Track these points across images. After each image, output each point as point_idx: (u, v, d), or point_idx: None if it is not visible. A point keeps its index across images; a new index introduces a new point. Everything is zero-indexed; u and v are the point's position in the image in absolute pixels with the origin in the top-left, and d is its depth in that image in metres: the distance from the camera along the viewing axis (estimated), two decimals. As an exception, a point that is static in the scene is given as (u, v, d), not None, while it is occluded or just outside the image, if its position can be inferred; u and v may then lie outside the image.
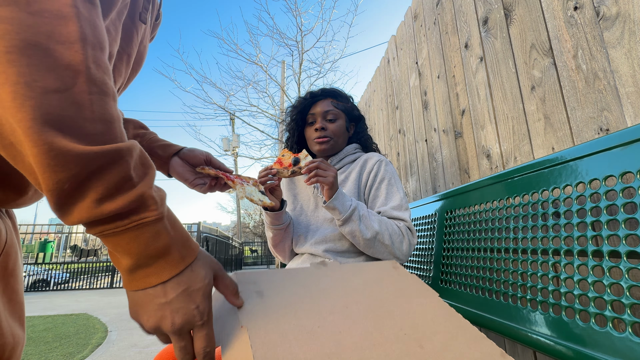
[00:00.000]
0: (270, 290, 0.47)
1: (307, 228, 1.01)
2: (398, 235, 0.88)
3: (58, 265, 7.82)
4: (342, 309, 0.45)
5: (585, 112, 0.74)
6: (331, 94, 1.10)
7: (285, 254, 1.05)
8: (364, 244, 0.87)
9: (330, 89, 1.12)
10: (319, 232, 0.98)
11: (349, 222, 0.86)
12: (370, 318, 0.44)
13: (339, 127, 1.06)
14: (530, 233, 0.72)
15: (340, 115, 1.07)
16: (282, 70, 9.65)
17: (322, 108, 1.06)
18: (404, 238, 0.89)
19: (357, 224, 0.86)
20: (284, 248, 1.03)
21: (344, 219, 0.86)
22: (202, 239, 8.06)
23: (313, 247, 0.96)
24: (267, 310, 0.42)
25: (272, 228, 0.99)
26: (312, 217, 1.03)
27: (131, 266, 0.35)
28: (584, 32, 0.74)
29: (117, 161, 0.33)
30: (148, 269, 0.36)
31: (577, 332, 0.55)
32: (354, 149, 1.10)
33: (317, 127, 1.04)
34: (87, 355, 2.32)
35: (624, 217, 0.53)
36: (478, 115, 1.13)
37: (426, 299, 0.51)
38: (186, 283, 0.37)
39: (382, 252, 0.89)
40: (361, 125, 1.15)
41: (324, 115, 1.05)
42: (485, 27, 1.08)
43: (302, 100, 1.10)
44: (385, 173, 0.99)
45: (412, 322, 0.45)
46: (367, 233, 0.86)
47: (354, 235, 0.87)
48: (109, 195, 0.32)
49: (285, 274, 0.52)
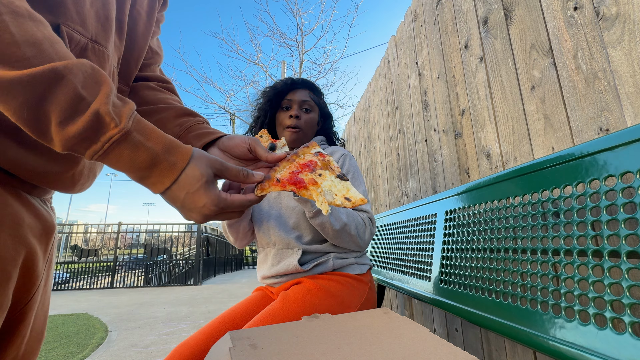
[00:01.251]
0: (264, 342, 0.49)
1: (269, 215, 1.02)
2: (362, 226, 0.94)
3: (58, 265, 7.83)
4: (334, 350, 0.47)
5: (585, 112, 0.74)
6: (310, 86, 1.14)
7: (237, 234, 1.05)
8: (332, 234, 0.90)
9: (309, 81, 1.16)
10: (284, 220, 0.99)
11: (320, 215, 0.89)
12: (363, 355, 0.46)
13: (312, 119, 1.10)
14: (530, 233, 0.72)
15: (315, 108, 1.12)
16: (282, 70, 9.65)
17: (300, 97, 1.09)
18: (367, 228, 0.95)
19: (328, 216, 0.89)
20: (237, 229, 1.04)
21: (316, 211, 0.89)
22: (202, 239, 8.06)
23: (282, 235, 0.98)
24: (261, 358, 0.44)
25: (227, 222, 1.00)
26: (274, 204, 1.04)
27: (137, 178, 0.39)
28: (584, 32, 0.74)
29: (58, 82, 0.32)
30: (150, 178, 0.39)
31: (577, 332, 0.55)
32: (320, 141, 1.13)
33: (292, 114, 1.06)
34: (87, 355, 2.32)
35: (624, 217, 0.53)
36: (478, 115, 1.13)
37: (417, 334, 0.52)
38: (185, 187, 0.40)
39: (347, 242, 0.93)
40: (329, 122, 1.19)
41: (301, 104, 1.09)
42: (485, 27, 1.08)
43: (281, 84, 1.12)
44: (349, 167, 1.03)
45: (403, 355, 0.46)
46: (336, 225, 0.89)
47: (324, 227, 0.90)
48: (69, 117, 0.33)
49: (279, 328, 0.55)
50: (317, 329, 0.54)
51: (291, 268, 0.93)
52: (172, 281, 8.00)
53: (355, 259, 1.00)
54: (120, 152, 0.36)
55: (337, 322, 0.58)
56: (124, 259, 8.69)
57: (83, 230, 12.71)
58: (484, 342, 1.06)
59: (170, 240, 8.60)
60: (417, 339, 0.51)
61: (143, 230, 8.50)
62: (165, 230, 8.47)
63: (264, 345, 0.47)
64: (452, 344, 0.50)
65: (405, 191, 1.81)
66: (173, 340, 2.68)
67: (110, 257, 8.67)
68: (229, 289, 6.37)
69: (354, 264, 0.99)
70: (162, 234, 9.32)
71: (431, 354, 0.46)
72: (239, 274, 11.27)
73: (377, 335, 0.52)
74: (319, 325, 0.56)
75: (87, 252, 8.22)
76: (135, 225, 11.46)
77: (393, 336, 0.52)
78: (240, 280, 8.46)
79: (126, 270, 7.84)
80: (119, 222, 7.68)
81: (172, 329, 3.06)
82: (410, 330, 0.54)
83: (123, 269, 8.01)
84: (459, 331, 1.21)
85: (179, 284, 7.61)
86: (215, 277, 9.36)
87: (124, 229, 7.96)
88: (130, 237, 9.42)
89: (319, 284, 0.90)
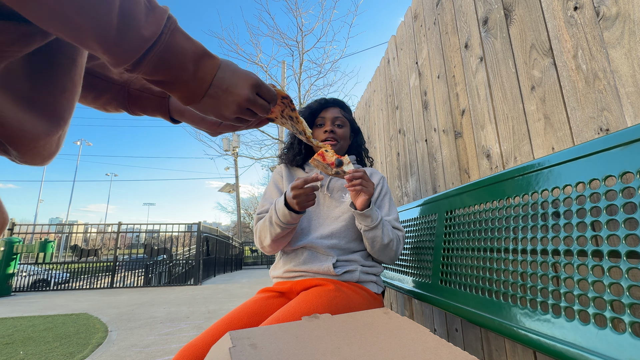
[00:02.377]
0: (264, 342, 0.49)
1: (309, 222, 1.09)
2: (399, 243, 1.06)
3: (58, 265, 7.83)
4: (334, 350, 0.47)
5: (585, 112, 0.74)
6: (340, 104, 1.25)
7: (279, 247, 1.07)
8: (379, 247, 1.01)
9: (340, 100, 1.27)
10: (322, 227, 1.06)
11: (375, 229, 0.99)
12: (363, 355, 0.46)
13: (345, 133, 1.21)
14: (530, 233, 0.72)
15: (346, 123, 1.22)
16: (282, 70, 9.65)
17: (332, 114, 1.20)
18: (400, 245, 1.07)
19: (381, 231, 0.99)
20: (283, 243, 1.05)
21: (373, 226, 0.98)
22: (202, 239, 8.06)
23: (318, 240, 1.03)
24: (261, 358, 0.44)
25: (284, 226, 0.98)
26: (314, 213, 1.10)
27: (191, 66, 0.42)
28: (584, 32, 0.74)
29: None
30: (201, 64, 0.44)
31: (577, 332, 0.55)
32: (353, 160, 1.24)
33: (327, 130, 1.17)
34: (88, 355, 2.32)
35: (624, 217, 0.53)
36: (478, 115, 1.13)
37: (417, 334, 0.52)
38: (229, 67, 0.47)
39: (387, 256, 1.03)
40: (359, 137, 1.31)
41: (333, 121, 1.19)
42: (485, 27, 1.08)
43: (316, 104, 1.24)
44: (386, 189, 1.17)
45: (403, 355, 0.46)
46: (385, 239, 1.00)
47: (374, 240, 1.00)
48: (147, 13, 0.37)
49: (279, 328, 0.55)
50: (317, 329, 0.54)
51: (323, 269, 0.98)
52: (172, 281, 8.00)
53: (375, 277, 1.06)
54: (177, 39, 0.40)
55: (337, 322, 0.57)
56: (124, 259, 8.68)
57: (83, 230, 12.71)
58: (484, 342, 1.06)
59: (170, 240, 8.59)
60: (417, 339, 0.51)
61: (143, 230, 8.48)
62: (165, 230, 8.47)
63: (264, 345, 0.47)
64: (452, 344, 0.50)
65: (405, 191, 1.81)
66: (173, 340, 2.68)
67: (110, 257, 8.66)
68: (229, 289, 6.37)
69: (374, 282, 1.05)
70: (162, 234, 9.31)
71: (431, 354, 0.46)
72: (239, 274, 11.27)
73: (377, 335, 0.52)
74: (319, 325, 0.56)
75: (87, 252, 8.20)
76: (135, 225, 11.46)
77: (393, 336, 0.52)
78: (240, 280, 8.46)
79: (126, 270, 7.83)
80: (119, 222, 7.68)
81: (172, 329, 3.06)
82: (410, 330, 0.54)
83: (123, 269, 8.00)
84: (459, 331, 1.21)
85: (179, 284, 7.60)
86: (215, 277, 9.36)
87: (124, 229, 7.95)
88: (130, 237, 9.43)
89: (342, 291, 0.92)
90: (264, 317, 0.92)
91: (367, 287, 1.01)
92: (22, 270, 7.07)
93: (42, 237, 7.56)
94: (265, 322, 0.79)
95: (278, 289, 1.02)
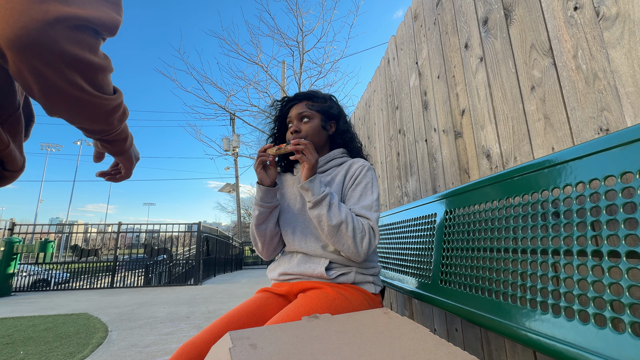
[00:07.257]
0: (264, 342, 0.49)
1: (294, 225, 1.06)
2: (361, 230, 0.92)
3: (58, 265, 7.82)
4: (334, 350, 0.47)
5: (585, 112, 0.74)
6: (306, 97, 1.14)
7: (264, 238, 1.07)
8: (328, 230, 0.91)
9: (305, 92, 1.16)
10: (308, 230, 1.04)
11: (319, 206, 0.92)
12: (363, 355, 0.46)
13: (313, 126, 1.09)
14: (530, 233, 0.72)
15: (315, 115, 1.11)
16: (282, 70, 9.65)
17: (297, 111, 1.11)
18: (366, 235, 0.92)
19: (326, 209, 0.91)
20: (265, 231, 1.06)
21: (315, 201, 0.92)
22: (202, 239, 8.06)
23: (307, 244, 1.02)
24: (261, 358, 0.44)
25: (260, 205, 1.04)
26: (299, 216, 1.07)
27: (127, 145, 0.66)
28: (584, 32, 0.74)
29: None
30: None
31: (577, 332, 0.55)
32: (341, 154, 1.14)
33: (292, 130, 1.10)
34: (88, 355, 2.32)
35: (624, 217, 0.53)
36: (478, 115, 1.13)
37: (417, 334, 0.52)
38: None
39: (343, 244, 0.91)
40: (342, 122, 1.16)
41: (299, 118, 1.11)
42: (485, 27, 1.08)
43: (280, 107, 1.17)
44: (364, 177, 1.03)
45: (403, 355, 0.46)
46: (332, 220, 0.90)
47: (320, 220, 0.92)
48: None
49: (279, 328, 0.55)
50: (317, 329, 0.54)
51: (317, 273, 0.95)
52: (172, 281, 8.00)
53: (372, 277, 1.02)
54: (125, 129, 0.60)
55: (337, 322, 0.57)
56: (124, 259, 8.67)
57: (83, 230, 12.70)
58: (484, 342, 1.06)
59: (170, 240, 8.59)
60: (417, 339, 0.51)
61: (143, 230, 8.47)
62: (165, 230, 8.47)
63: (264, 345, 0.47)
64: (452, 344, 0.50)
65: (405, 191, 1.81)
66: (173, 340, 2.68)
67: (110, 257, 8.67)
68: (229, 289, 6.37)
69: (371, 282, 1.01)
70: (162, 234, 9.32)
71: (431, 354, 0.46)
72: (239, 274, 11.27)
73: (377, 335, 0.52)
74: (319, 325, 0.56)
75: (87, 252, 8.20)
76: (135, 225, 11.45)
77: (393, 336, 0.52)
78: (240, 280, 8.46)
79: (126, 270, 7.83)
80: (119, 222, 7.67)
81: (172, 329, 3.05)
82: (410, 330, 0.54)
83: (123, 268, 8.00)
84: (459, 331, 1.21)
85: (179, 284, 7.60)
86: (215, 277, 9.35)
87: (124, 228, 7.95)
88: (130, 237, 9.42)
89: (340, 293, 0.91)
90: (263, 317, 0.92)
91: (364, 287, 0.99)
92: (22, 270, 7.07)
93: (42, 237, 7.56)
94: (265, 325, 0.80)
95: (276, 290, 1.02)
